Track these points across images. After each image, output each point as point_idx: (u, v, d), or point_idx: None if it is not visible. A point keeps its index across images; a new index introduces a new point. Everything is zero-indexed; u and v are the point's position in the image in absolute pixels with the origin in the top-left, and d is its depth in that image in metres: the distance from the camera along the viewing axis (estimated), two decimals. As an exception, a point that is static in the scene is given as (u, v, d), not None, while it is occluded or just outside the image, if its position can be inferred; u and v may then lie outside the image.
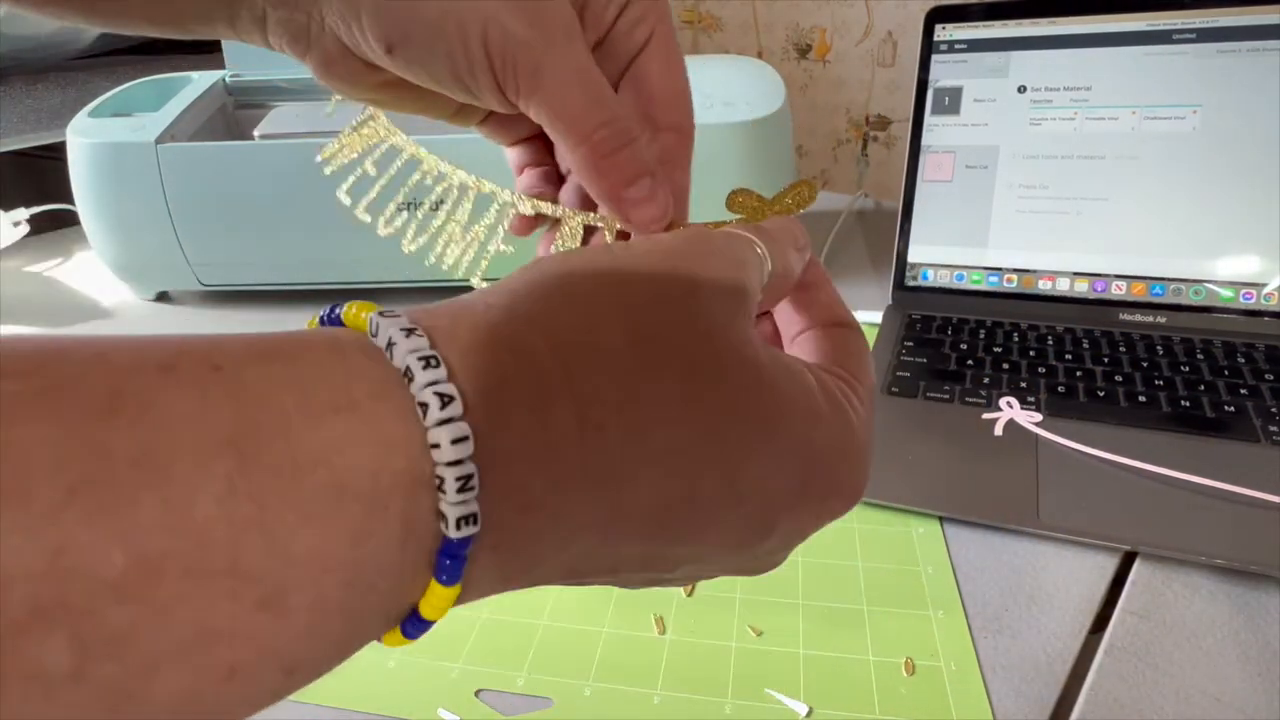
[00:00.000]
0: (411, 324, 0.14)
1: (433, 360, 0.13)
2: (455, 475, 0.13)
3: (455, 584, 0.13)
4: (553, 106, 0.22)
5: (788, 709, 0.34)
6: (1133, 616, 0.37)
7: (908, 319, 0.62)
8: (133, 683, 0.10)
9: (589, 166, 0.23)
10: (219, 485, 0.11)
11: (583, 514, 0.15)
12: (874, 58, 1.23)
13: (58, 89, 0.95)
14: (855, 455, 0.19)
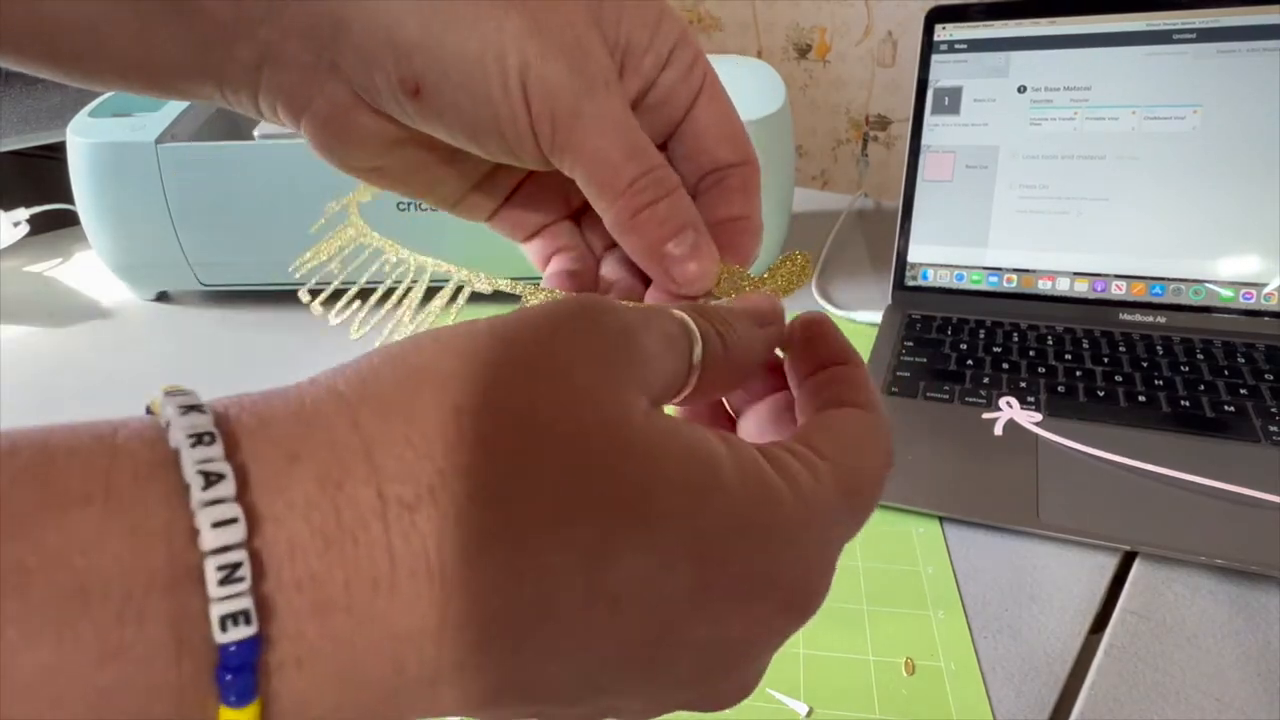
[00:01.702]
0: (195, 402, 0.12)
1: (206, 437, 0.11)
2: (216, 564, 0.10)
3: (248, 704, 0.11)
4: (589, 155, 0.20)
5: (788, 709, 0.34)
6: (1133, 616, 0.37)
7: (907, 319, 0.62)
8: None
9: (626, 221, 0.21)
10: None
11: (403, 618, 0.12)
12: (874, 58, 1.22)
13: (58, 89, 0.95)
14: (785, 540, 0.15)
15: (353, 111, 0.21)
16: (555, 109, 0.20)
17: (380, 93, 0.20)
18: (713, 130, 0.23)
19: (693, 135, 0.23)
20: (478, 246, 0.68)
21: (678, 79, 0.22)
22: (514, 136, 0.20)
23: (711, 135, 0.23)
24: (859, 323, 0.65)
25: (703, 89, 0.23)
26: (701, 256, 0.22)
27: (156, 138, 0.64)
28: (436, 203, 0.25)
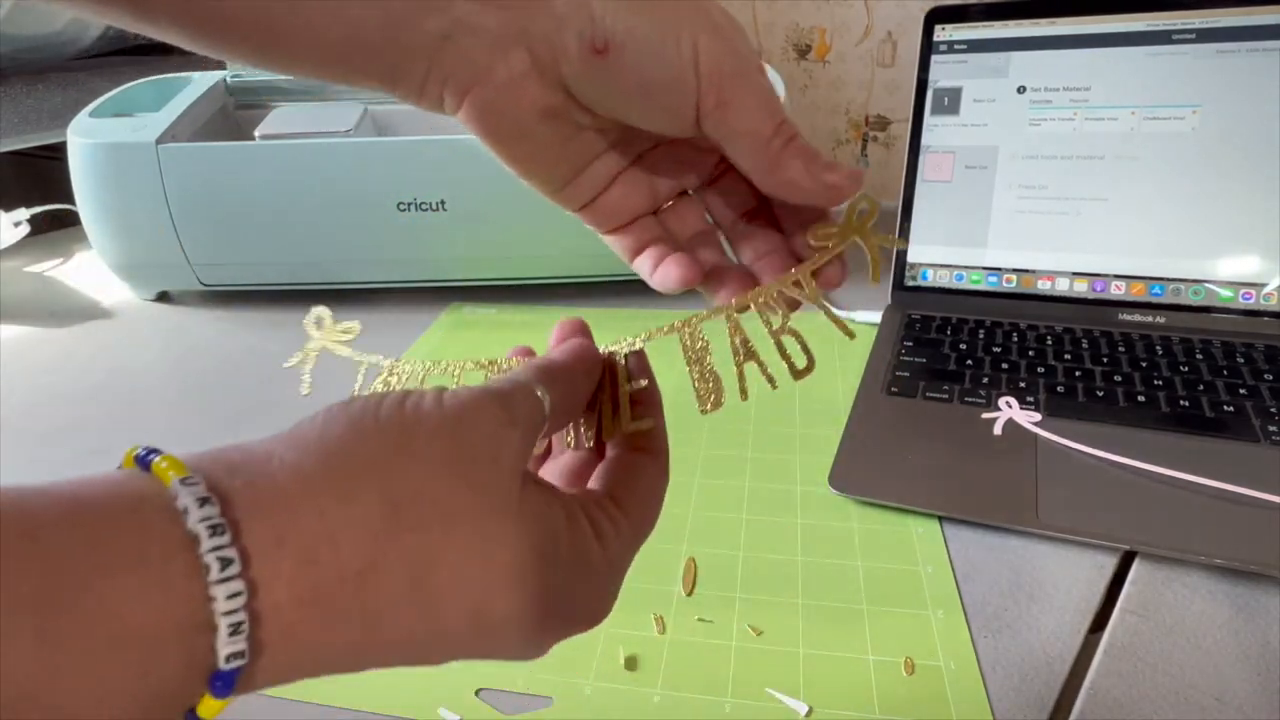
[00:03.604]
0: (207, 493, 0.16)
1: (219, 528, 0.16)
2: (228, 623, 0.15)
3: (226, 698, 0.16)
4: (744, 113, 0.25)
5: (788, 708, 0.34)
6: (1132, 616, 0.37)
7: (907, 319, 0.62)
8: None
9: (775, 156, 0.26)
10: (27, 636, 0.13)
11: (341, 641, 0.17)
12: (874, 58, 1.22)
13: (58, 89, 0.95)
14: (599, 584, 0.22)
15: (526, 80, 0.25)
16: (722, 74, 0.24)
17: (568, 51, 0.24)
18: None
19: None
20: (462, 246, 0.68)
21: None
22: (681, 94, 0.24)
23: None
24: (859, 322, 0.65)
25: None
26: (837, 169, 0.27)
27: (157, 138, 0.64)
28: (551, 181, 0.28)
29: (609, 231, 0.30)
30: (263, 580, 0.16)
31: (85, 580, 0.14)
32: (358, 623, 0.17)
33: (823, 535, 0.43)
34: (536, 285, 0.71)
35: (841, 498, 0.45)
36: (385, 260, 0.69)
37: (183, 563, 0.15)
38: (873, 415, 0.51)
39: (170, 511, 0.16)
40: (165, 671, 0.15)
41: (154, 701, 0.15)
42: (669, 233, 0.30)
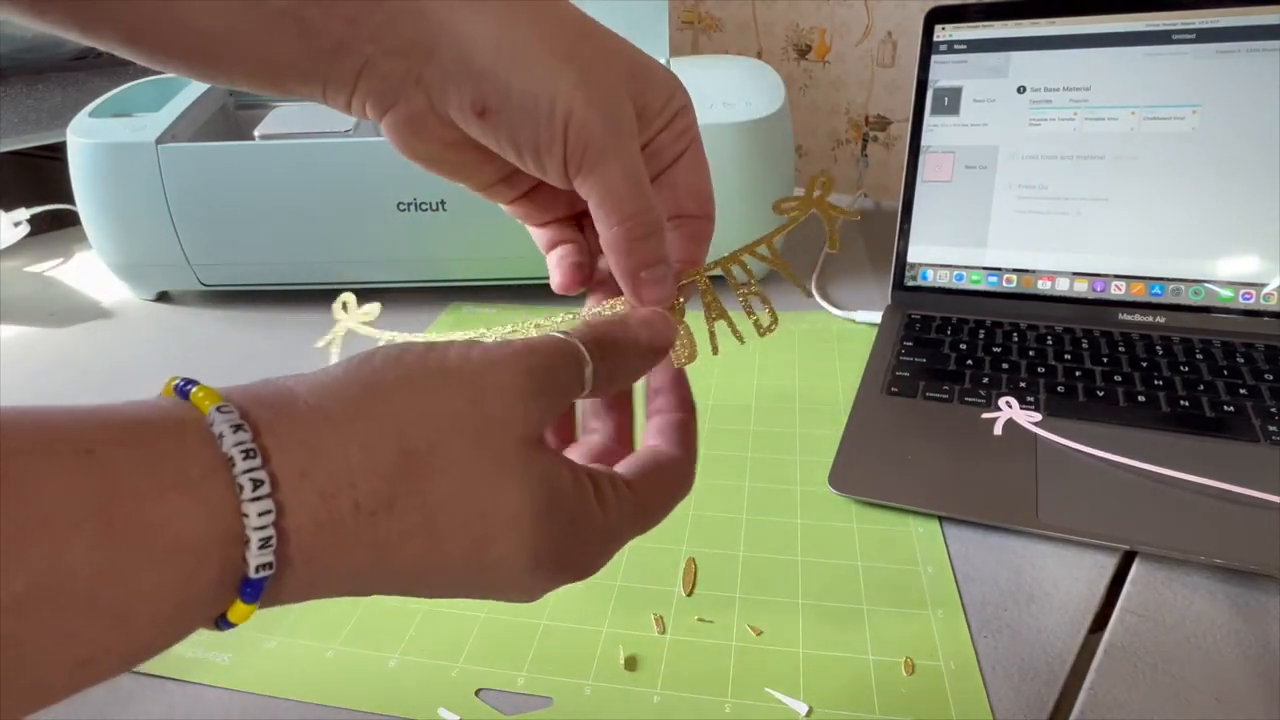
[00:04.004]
0: (240, 420, 0.18)
1: (251, 452, 0.17)
2: (258, 537, 0.17)
3: (253, 604, 0.18)
4: (604, 188, 0.26)
5: (788, 709, 0.34)
6: (1132, 616, 0.37)
7: (907, 319, 0.62)
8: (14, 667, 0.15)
9: (620, 244, 0.27)
10: (87, 541, 0.15)
11: (354, 566, 0.19)
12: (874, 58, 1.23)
13: (58, 89, 0.95)
14: (592, 544, 0.24)
15: (425, 117, 0.27)
16: (587, 146, 0.25)
17: (451, 107, 0.26)
18: (687, 184, 0.29)
19: (670, 184, 0.29)
20: (462, 246, 0.68)
21: (672, 139, 0.28)
22: (549, 159, 0.26)
23: (684, 188, 0.29)
24: (859, 323, 0.65)
25: (688, 150, 0.29)
26: (662, 286, 0.28)
27: (156, 138, 0.64)
28: (473, 187, 0.31)
29: (534, 226, 0.32)
30: (288, 504, 0.18)
31: (139, 495, 0.16)
32: (368, 552, 0.19)
33: (823, 535, 0.43)
34: (536, 285, 0.71)
35: (841, 498, 0.45)
36: (385, 260, 0.69)
37: (220, 482, 0.17)
38: (873, 415, 0.51)
39: (207, 436, 0.17)
40: (205, 578, 0.17)
41: (193, 604, 0.17)
42: (584, 235, 0.32)
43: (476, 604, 0.40)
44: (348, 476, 0.19)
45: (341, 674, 0.36)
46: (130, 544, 0.16)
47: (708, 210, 0.30)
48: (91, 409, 0.17)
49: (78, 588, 0.15)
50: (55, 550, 0.15)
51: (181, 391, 0.19)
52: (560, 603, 0.40)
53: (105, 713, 0.35)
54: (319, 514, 0.18)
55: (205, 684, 0.36)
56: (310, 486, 0.18)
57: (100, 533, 0.15)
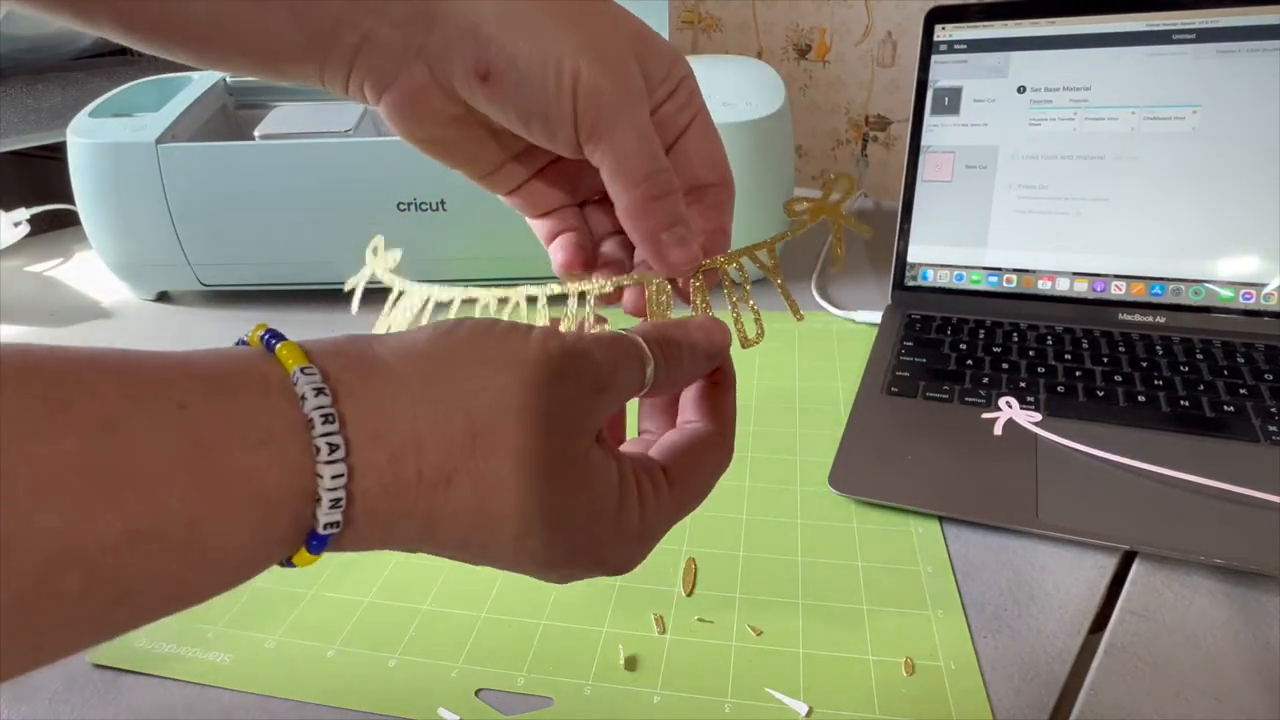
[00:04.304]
0: (321, 383, 0.19)
1: (330, 417, 0.18)
2: (329, 498, 0.18)
3: (318, 554, 0.19)
4: (617, 152, 0.26)
5: (788, 709, 0.34)
6: (1132, 616, 0.37)
7: (907, 319, 0.62)
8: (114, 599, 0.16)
9: (638, 207, 0.27)
10: (179, 492, 0.16)
11: (408, 531, 0.20)
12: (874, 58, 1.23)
13: (58, 89, 0.95)
14: (627, 542, 0.24)
15: (427, 90, 0.26)
16: (598, 109, 0.25)
17: (455, 75, 0.25)
18: (699, 153, 0.29)
19: (683, 155, 0.29)
20: (462, 246, 0.68)
21: (677, 109, 0.28)
22: (558, 123, 0.25)
23: (697, 157, 0.29)
24: (859, 323, 0.65)
25: (695, 119, 0.28)
26: (687, 247, 0.28)
27: (156, 138, 0.64)
28: (472, 173, 0.30)
29: (532, 217, 0.32)
30: (359, 467, 0.19)
31: (226, 450, 0.17)
32: (422, 519, 0.20)
33: (823, 535, 0.43)
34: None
35: (841, 498, 0.45)
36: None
37: (299, 442, 0.18)
38: (873, 415, 0.51)
39: (289, 394, 0.18)
40: (279, 528, 0.18)
41: (266, 548, 0.18)
42: (588, 226, 0.32)
43: (477, 604, 0.40)
44: (416, 445, 0.19)
45: (341, 674, 0.36)
46: (216, 495, 0.17)
47: (724, 177, 0.30)
48: (182, 360, 0.18)
49: (169, 533, 0.16)
50: (151, 499, 0.16)
51: (267, 344, 0.19)
52: (560, 603, 0.39)
53: (106, 712, 0.35)
54: (385, 478, 0.19)
55: (205, 684, 0.36)
56: (381, 450, 0.19)
57: (190, 484, 0.16)
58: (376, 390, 0.19)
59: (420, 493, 0.20)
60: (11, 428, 0.14)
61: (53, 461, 0.15)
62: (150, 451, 0.16)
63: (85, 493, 0.15)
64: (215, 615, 0.39)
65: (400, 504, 0.20)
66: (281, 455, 0.18)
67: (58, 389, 0.15)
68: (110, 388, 0.16)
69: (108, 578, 0.15)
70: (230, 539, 0.17)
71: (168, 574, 0.16)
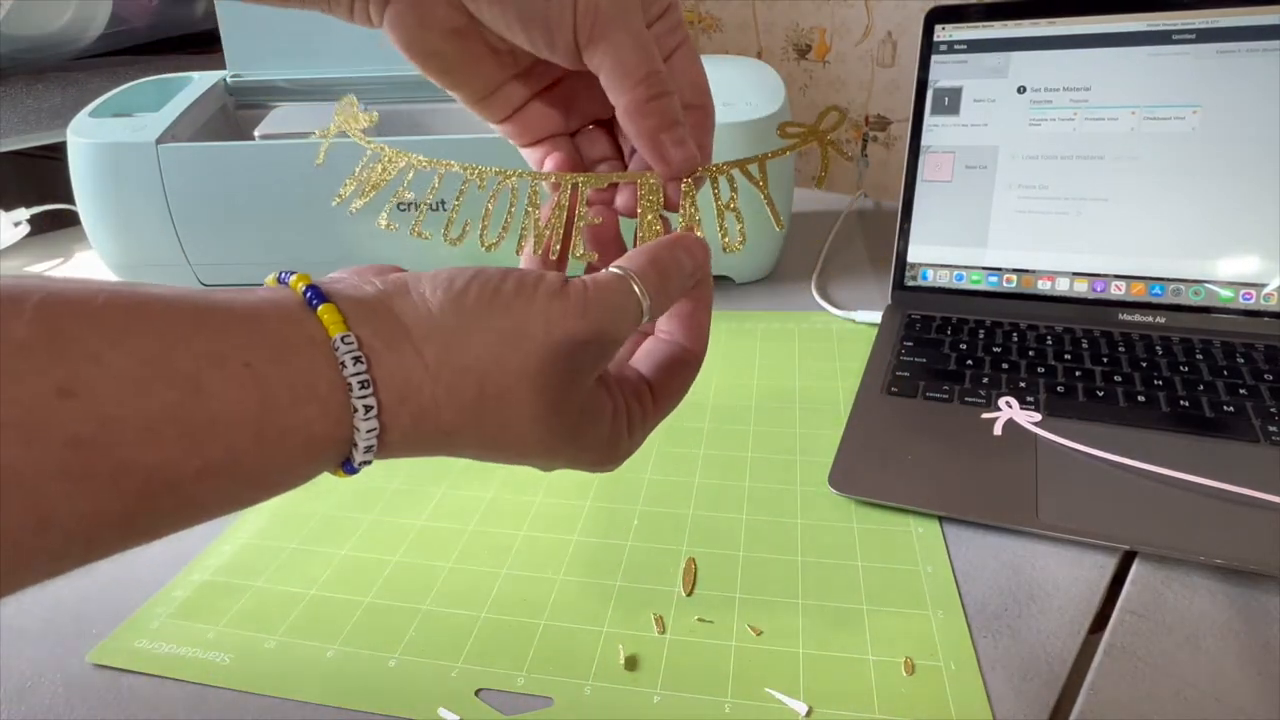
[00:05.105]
0: (359, 352, 0.22)
1: (366, 383, 0.22)
2: (364, 445, 0.22)
3: (351, 474, 0.23)
4: (616, 55, 0.27)
5: (788, 708, 0.34)
6: (1132, 616, 0.37)
7: (907, 319, 0.62)
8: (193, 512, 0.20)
9: (638, 107, 0.28)
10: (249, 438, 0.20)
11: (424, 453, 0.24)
12: (874, 58, 1.23)
13: (58, 89, 0.95)
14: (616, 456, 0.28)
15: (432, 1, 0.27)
16: (596, 14, 0.26)
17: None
18: (685, 74, 0.30)
19: (671, 75, 0.29)
20: (467, 247, 0.68)
21: (664, 32, 0.29)
22: (558, 29, 0.27)
23: (683, 80, 0.30)
24: (859, 323, 0.65)
25: (681, 44, 0.30)
26: (685, 147, 0.29)
27: (157, 138, 0.64)
28: (470, 95, 0.31)
29: (524, 145, 0.33)
30: (387, 424, 0.22)
31: (284, 407, 0.20)
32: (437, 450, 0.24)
33: (823, 535, 0.43)
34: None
35: (841, 498, 0.45)
36: (385, 260, 0.69)
37: (339, 401, 0.21)
38: (873, 415, 0.51)
39: (332, 359, 0.21)
40: (322, 464, 0.22)
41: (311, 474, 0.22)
42: (580, 154, 0.33)
43: (477, 604, 0.40)
44: (434, 406, 0.23)
45: (341, 674, 0.36)
46: (274, 441, 0.20)
47: (706, 101, 0.31)
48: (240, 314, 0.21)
49: (238, 470, 0.20)
50: (227, 445, 0.19)
51: (309, 301, 0.22)
52: (560, 603, 0.40)
53: (106, 712, 0.35)
54: (408, 429, 0.23)
55: (205, 684, 0.36)
56: (406, 411, 0.22)
57: (256, 433, 0.20)
58: (403, 361, 0.22)
59: (437, 439, 0.23)
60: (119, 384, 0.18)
61: (155, 413, 0.18)
62: (226, 405, 0.19)
63: (179, 438, 0.18)
64: (215, 615, 0.39)
65: (420, 444, 0.23)
66: (326, 411, 0.21)
67: (154, 345, 0.19)
68: (195, 344, 0.19)
69: (189, 500, 0.19)
70: (284, 473, 0.21)
71: (234, 496, 0.21)
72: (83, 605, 0.41)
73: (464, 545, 0.44)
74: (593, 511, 0.46)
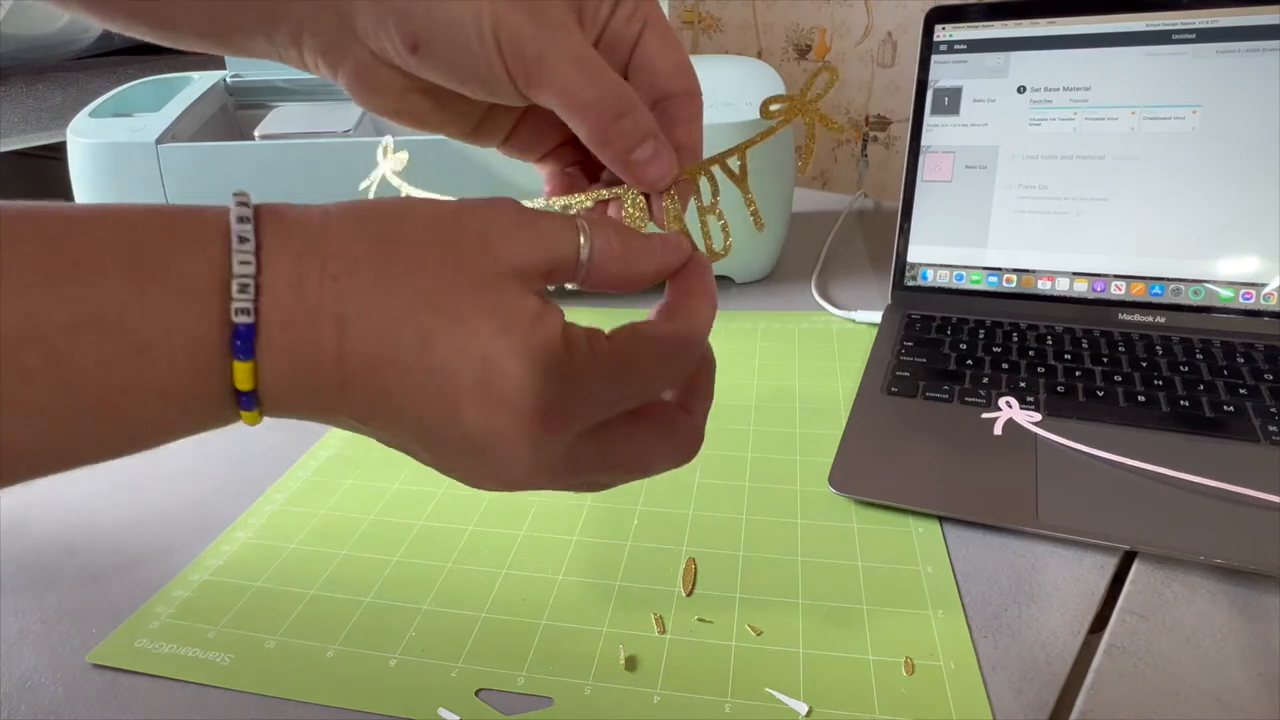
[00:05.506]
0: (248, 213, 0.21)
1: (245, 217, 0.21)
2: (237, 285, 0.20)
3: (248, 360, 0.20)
4: (557, 87, 0.25)
5: (788, 708, 0.34)
6: (1132, 616, 0.37)
7: (907, 319, 0.62)
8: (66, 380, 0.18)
9: (597, 135, 0.26)
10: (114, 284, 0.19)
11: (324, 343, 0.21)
12: (874, 58, 1.23)
13: (58, 89, 0.95)
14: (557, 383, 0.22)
15: (373, 67, 0.26)
16: (524, 54, 0.24)
17: (388, 50, 0.25)
18: (658, 59, 0.28)
19: (643, 68, 0.28)
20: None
21: (624, 21, 0.27)
22: (493, 81, 0.25)
23: (657, 67, 0.28)
24: (859, 323, 0.65)
25: (647, 25, 0.27)
26: (660, 161, 0.27)
27: (156, 138, 0.64)
28: (454, 134, 0.30)
29: (534, 161, 0.32)
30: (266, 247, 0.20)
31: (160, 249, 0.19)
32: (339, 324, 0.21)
33: (823, 535, 0.43)
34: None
35: (841, 498, 0.45)
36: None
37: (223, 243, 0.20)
38: (873, 415, 0.51)
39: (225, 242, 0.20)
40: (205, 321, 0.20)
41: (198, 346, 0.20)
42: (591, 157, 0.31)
43: (477, 604, 0.40)
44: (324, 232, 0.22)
45: (341, 674, 0.36)
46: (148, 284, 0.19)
47: (688, 84, 0.28)
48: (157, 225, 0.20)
49: (108, 317, 0.18)
50: (89, 287, 0.18)
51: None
52: (560, 603, 0.40)
53: (106, 712, 0.35)
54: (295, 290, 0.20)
55: (205, 684, 0.36)
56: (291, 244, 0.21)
57: (126, 276, 0.19)
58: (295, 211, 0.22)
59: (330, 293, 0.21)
60: None
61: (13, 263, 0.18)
62: (93, 249, 0.18)
63: (40, 286, 0.18)
64: (215, 615, 0.39)
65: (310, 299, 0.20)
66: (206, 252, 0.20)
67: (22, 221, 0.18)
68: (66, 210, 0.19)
69: (59, 358, 0.18)
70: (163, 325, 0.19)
71: (110, 357, 0.19)
72: (83, 605, 0.41)
73: (464, 545, 0.44)
74: (593, 511, 0.46)
